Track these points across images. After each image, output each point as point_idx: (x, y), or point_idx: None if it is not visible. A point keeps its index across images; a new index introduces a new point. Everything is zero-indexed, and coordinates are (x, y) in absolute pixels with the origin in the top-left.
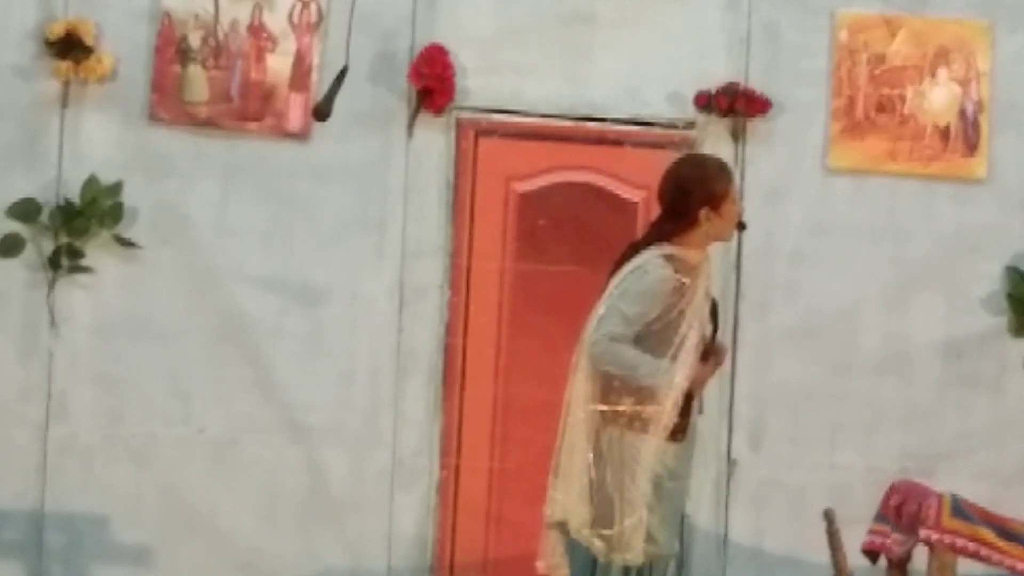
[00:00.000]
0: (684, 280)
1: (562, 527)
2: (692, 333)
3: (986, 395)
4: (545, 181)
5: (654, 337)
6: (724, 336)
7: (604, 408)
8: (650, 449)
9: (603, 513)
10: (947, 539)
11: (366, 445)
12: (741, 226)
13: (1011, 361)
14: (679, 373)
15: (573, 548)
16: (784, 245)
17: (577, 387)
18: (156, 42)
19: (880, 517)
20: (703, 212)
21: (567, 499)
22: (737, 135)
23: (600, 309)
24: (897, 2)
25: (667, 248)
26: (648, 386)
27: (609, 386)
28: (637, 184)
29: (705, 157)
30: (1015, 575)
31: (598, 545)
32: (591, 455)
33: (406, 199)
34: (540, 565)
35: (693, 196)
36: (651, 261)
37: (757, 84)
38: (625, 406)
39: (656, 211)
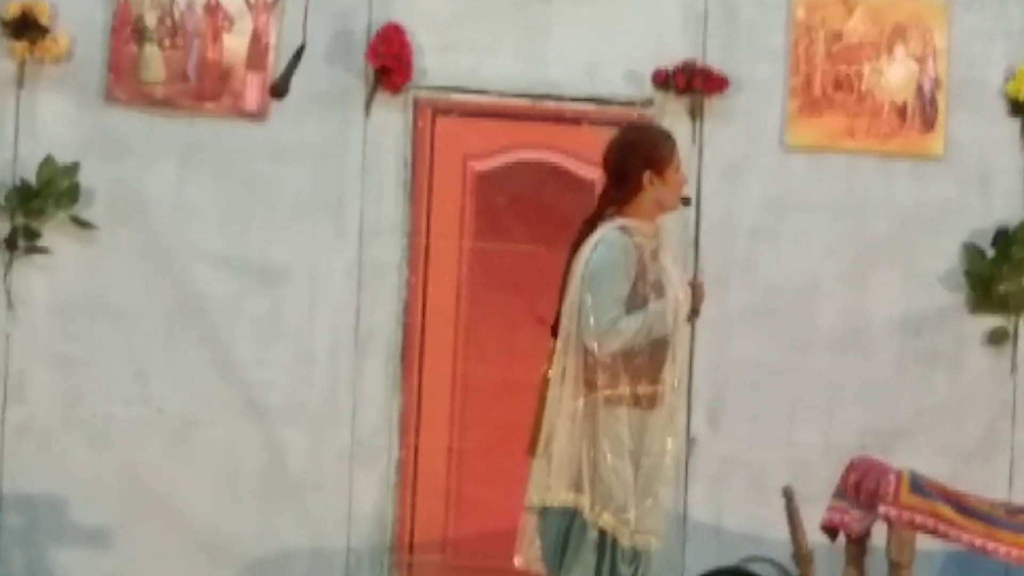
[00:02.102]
0: (646, 246)
1: (540, 512)
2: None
3: (944, 372)
4: (503, 160)
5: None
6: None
7: (608, 392)
8: (647, 425)
9: (608, 496)
10: (905, 515)
11: (325, 425)
12: (685, 201)
13: (969, 337)
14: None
15: (544, 529)
16: (742, 222)
17: (566, 372)
18: (112, 22)
19: (839, 494)
20: (646, 176)
21: (558, 484)
22: (695, 113)
23: (584, 298)
24: None
25: (620, 220)
26: (662, 336)
27: (604, 367)
28: (595, 162)
29: (648, 123)
30: (973, 550)
31: (623, 531)
32: (588, 439)
33: (364, 178)
34: (517, 560)
35: (635, 159)
36: (608, 235)
37: (714, 62)
38: (622, 386)
39: None
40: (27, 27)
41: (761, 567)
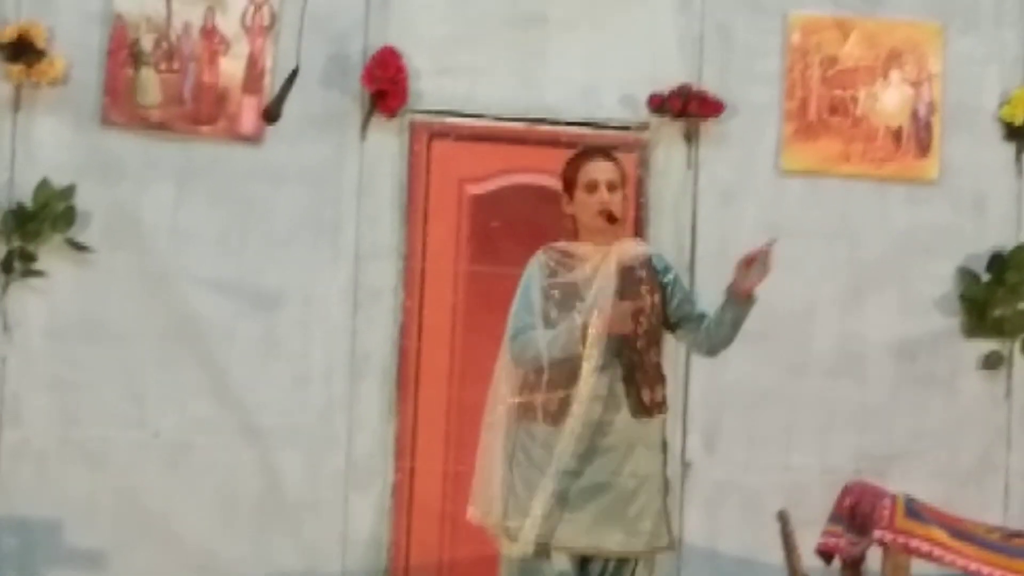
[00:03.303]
0: (557, 266)
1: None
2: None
3: (939, 396)
4: (498, 183)
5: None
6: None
7: (519, 400)
8: (550, 439)
9: (511, 506)
10: (901, 539)
11: (320, 447)
12: (610, 218)
13: (964, 362)
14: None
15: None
16: (738, 247)
17: (497, 385)
18: (108, 45)
19: (834, 518)
20: (564, 200)
21: (486, 495)
22: (690, 137)
23: None
24: (849, 4)
25: (558, 243)
26: (572, 354)
27: (524, 380)
28: None
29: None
30: (968, 575)
31: (503, 538)
32: (504, 450)
33: (359, 202)
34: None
35: (562, 184)
36: (537, 254)
37: (710, 86)
38: (537, 396)
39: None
40: (23, 50)
41: None
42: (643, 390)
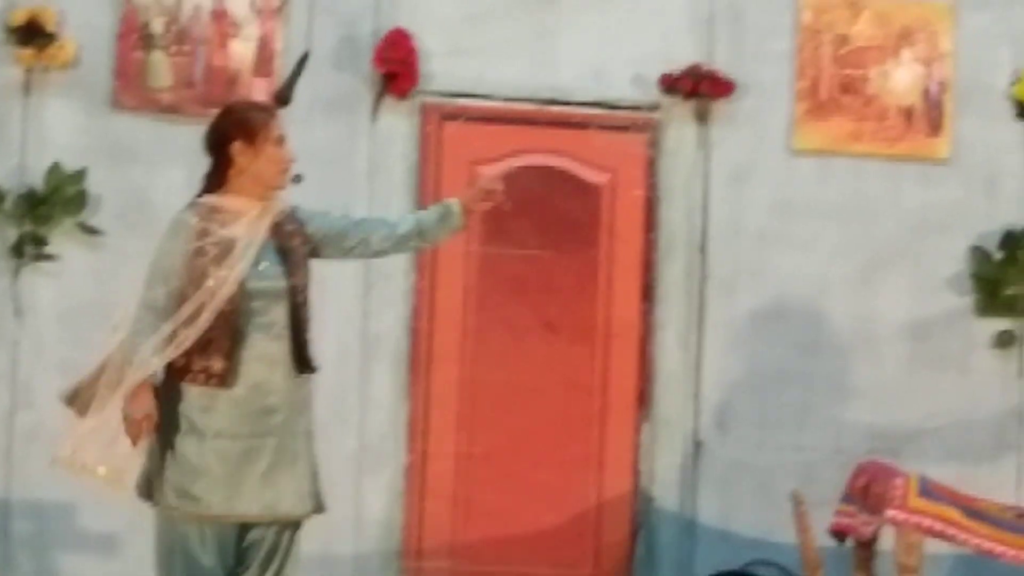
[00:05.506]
0: (207, 224)
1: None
2: (223, 288)
3: (952, 375)
4: (510, 164)
5: (184, 300)
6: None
7: (178, 364)
8: (187, 399)
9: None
10: (914, 519)
11: (333, 430)
12: (296, 178)
13: (977, 341)
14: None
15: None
16: (750, 226)
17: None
18: (119, 28)
19: (847, 498)
20: (236, 145)
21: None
22: (702, 117)
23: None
24: None
25: (204, 198)
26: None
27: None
28: (601, 167)
29: (248, 100)
30: (981, 554)
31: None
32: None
33: (371, 183)
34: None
35: (223, 130)
36: (176, 215)
37: (721, 66)
38: (196, 359)
39: (621, 192)
40: (34, 34)
41: (767, 571)
42: (304, 348)
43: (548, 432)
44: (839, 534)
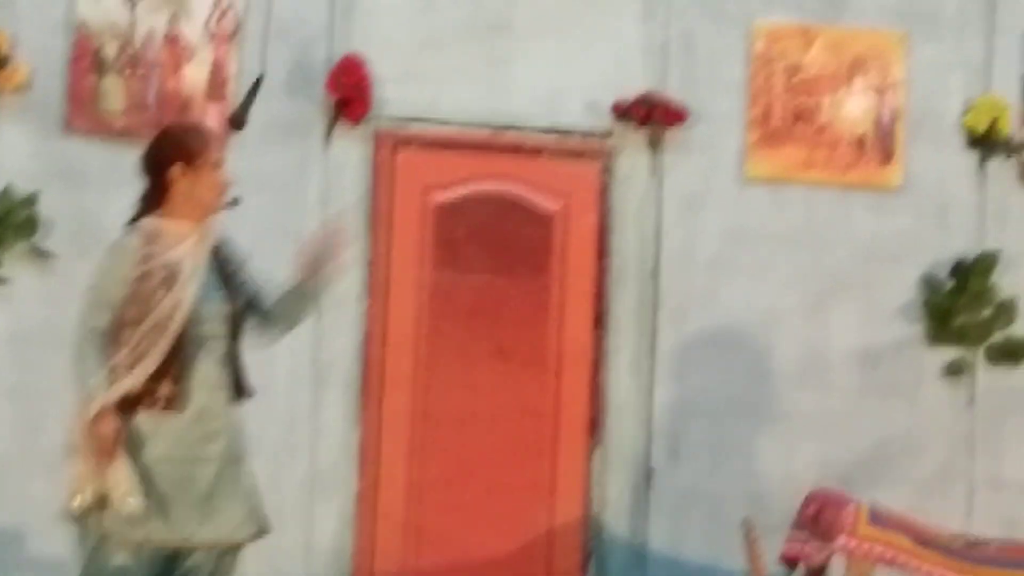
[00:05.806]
0: (150, 248)
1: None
2: (177, 312)
3: (903, 403)
4: (463, 192)
5: (128, 324)
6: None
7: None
8: (159, 428)
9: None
10: (864, 546)
11: (284, 456)
12: (232, 202)
13: (927, 369)
14: (138, 373)
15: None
16: (702, 254)
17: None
18: (72, 52)
19: (798, 525)
20: (176, 168)
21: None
22: (654, 145)
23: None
24: (813, 11)
25: (143, 221)
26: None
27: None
28: (554, 194)
29: (187, 122)
30: None
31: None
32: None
33: (324, 209)
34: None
35: (162, 152)
36: (117, 239)
37: (674, 93)
38: (147, 384)
39: (574, 219)
40: None
41: None
42: (241, 374)
43: (499, 459)
44: (790, 561)
